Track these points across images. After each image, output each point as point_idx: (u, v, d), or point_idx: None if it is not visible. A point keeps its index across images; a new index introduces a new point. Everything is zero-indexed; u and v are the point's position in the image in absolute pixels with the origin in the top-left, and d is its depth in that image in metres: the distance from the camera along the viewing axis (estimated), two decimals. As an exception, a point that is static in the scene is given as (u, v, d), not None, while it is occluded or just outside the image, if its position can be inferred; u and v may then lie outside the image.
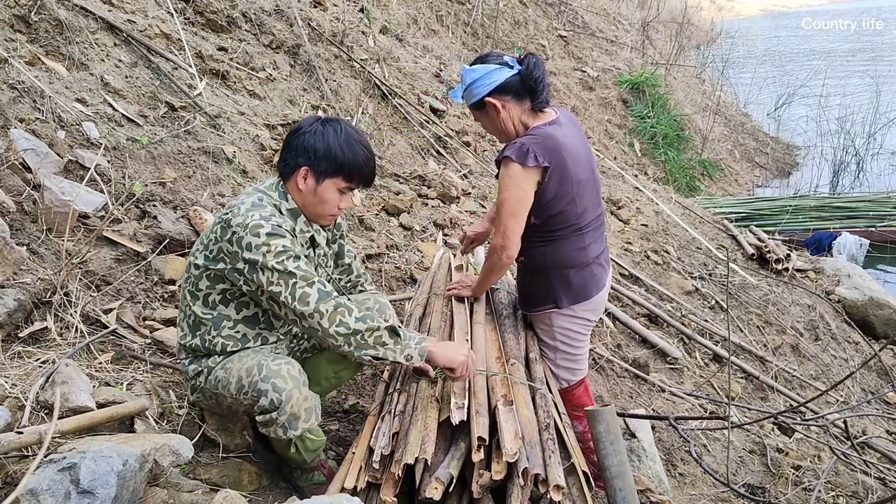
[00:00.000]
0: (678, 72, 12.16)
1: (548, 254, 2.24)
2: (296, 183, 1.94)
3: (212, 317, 1.96)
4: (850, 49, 21.74)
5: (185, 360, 2.05)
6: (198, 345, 1.99)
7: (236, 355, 1.96)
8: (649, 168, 8.79)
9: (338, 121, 1.97)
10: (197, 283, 1.96)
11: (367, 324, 1.83)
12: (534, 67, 2.13)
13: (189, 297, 1.98)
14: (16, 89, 2.85)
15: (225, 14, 4.29)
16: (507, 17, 8.76)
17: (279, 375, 1.82)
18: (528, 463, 1.69)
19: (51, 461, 1.50)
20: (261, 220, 1.82)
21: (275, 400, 1.80)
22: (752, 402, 3.87)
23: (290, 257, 1.81)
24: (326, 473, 2.12)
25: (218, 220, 1.91)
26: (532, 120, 2.19)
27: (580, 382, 2.44)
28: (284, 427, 1.84)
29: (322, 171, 1.92)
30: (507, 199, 2.12)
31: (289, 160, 1.95)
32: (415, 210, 4.26)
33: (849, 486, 3.21)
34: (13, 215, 2.48)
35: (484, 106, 2.19)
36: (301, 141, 1.92)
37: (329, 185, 1.94)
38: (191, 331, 2.00)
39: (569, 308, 2.29)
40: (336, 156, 1.91)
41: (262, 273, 1.80)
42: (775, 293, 5.17)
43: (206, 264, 1.93)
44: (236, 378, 1.88)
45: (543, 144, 2.08)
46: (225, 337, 1.97)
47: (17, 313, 2.17)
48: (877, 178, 10.33)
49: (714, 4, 24.02)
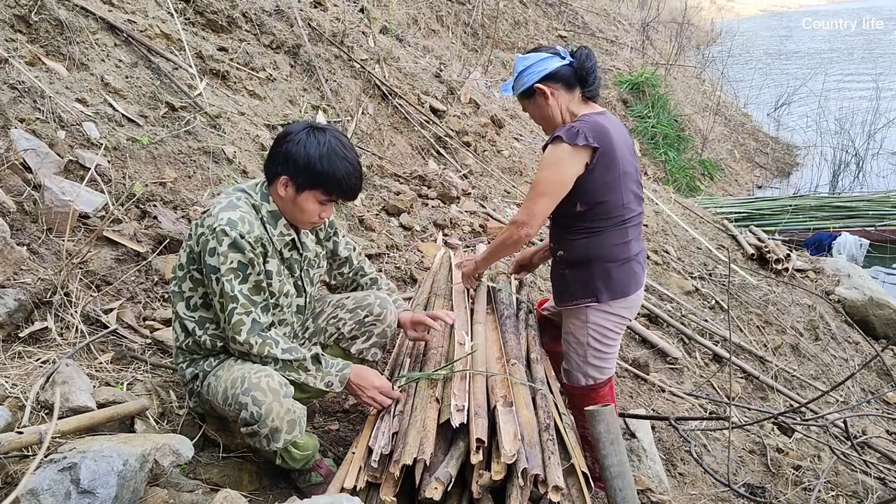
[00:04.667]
0: (678, 72, 12.17)
1: (591, 246, 2.23)
2: (276, 189, 1.93)
3: (195, 319, 1.97)
4: (850, 49, 21.73)
5: (182, 364, 2.04)
6: (191, 345, 1.99)
7: (226, 363, 1.95)
8: (649, 168, 8.79)
9: (326, 130, 1.92)
10: (181, 285, 1.96)
11: (292, 355, 1.92)
12: (586, 58, 2.21)
13: (175, 297, 1.98)
14: (16, 89, 2.85)
15: (225, 14, 4.30)
16: (507, 18, 8.77)
17: (258, 388, 1.81)
18: (528, 463, 1.69)
19: (51, 461, 1.50)
20: (226, 227, 1.82)
21: (255, 413, 1.80)
22: (751, 402, 3.87)
23: (239, 278, 1.84)
24: (324, 473, 2.12)
25: (196, 219, 1.93)
26: (580, 109, 2.23)
27: (606, 382, 2.41)
28: (268, 439, 1.85)
29: (301, 182, 1.89)
30: (545, 179, 2.13)
31: (271, 166, 1.92)
32: (415, 210, 4.26)
33: (849, 486, 3.21)
34: (13, 215, 2.48)
35: (533, 94, 2.22)
36: (284, 149, 1.89)
37: (308, 197, 1.91)
38: (183, 332, 2.00)
39: (607, 304, 2.27)
40: (315, 169, 1.87)
41: (215, 283, 1.85)
42: (775, 293, 5.17)
43: (188, 265, 1.93)
44: (223, 388, 1.88)
45: (594, 128, 2.12)
46: (210, 337, 1.97)
47: (17, 313, 2.17)
48: (877, 178, 10.34)
49: (714, 4, 24.04)
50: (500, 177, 5.34)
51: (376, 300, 2.26)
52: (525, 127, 6.72)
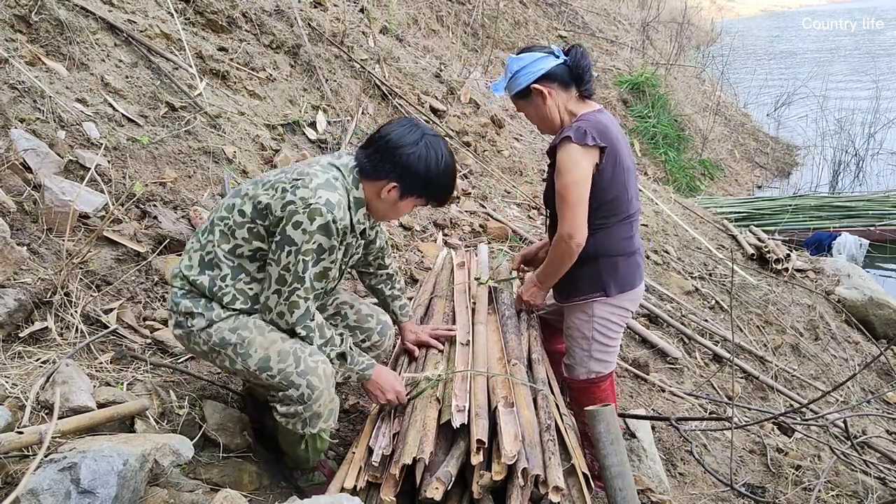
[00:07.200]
0: (678, 72, 12.17)
1: (599, 242, 2.24)
2: (377, 188, 1.90)
3: (232, 265, 1.90)
4: (850, 49, 21.73)
5: (177, 290, 1.93)
6: (204, 284, 1.90)
7: (253, 324, 1.90)
8: (649, 168, 8.79)
9: (440, 142, 1.93)
10: (234, 230, 1.88)
11: (326, 349, 1.94)
12: (581, 57, 2.21)
13: (219, 235, 1.89)
14: (16, 89, 2.85)
15: (225, 14, 4.29)
16: (507, 18, 8.77)
17: (316, 374, 1.86)
18: (528, 464, 1.69)
19: (51, 461, 1.50)
20: (323, 207, 1.76)
21: (306, 395, 1.84)
22: (752, 401, 3.87)
23: (313, 261, 1.81)
24: (327, 473, 2.12)
25: (282, 182, 1.83)
26: (578, 108, 2.24)
27: (608, 375, 2.43)
28: (305, 422, 1.88)
29: (410, 191, 1.91)
30: (571, 185, 2.12)
31: (380, 167, 1.88)
32: (415, 210, 4.26)
33: (849, 486, 3.21)
34: (14, 215, 2.48)
35: (529, 94, 2.22)
36: (401, 158, 1.86)
37: (410, 203, 1.96)
38: (202, 266, 1.91)
39: (615, 297, 2.29)
40: (432, 185, 1.92)
41: (285, 255, 1.79)
42: (775, 293, 5.17)
43: (254, 217, 1.85)
44: (261, 356, 1.85)
45: (597, 127, 2.13)
46: (238, 290, 1.90)
47: (17, 313, 2.17)
48: (876, 178, 10.34)
49: (714, 4, 24.04)
50: (500, 177, 5.34)
51: (377, 326, 2.26)
52: (525, 127, 6.72)
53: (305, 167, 1.88)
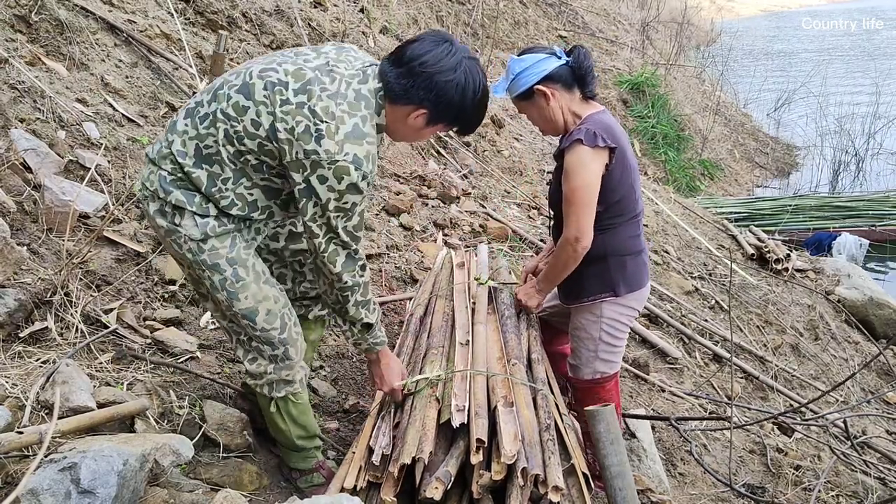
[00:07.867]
0: (678, 72, 12.16)
1: (607, 241, 2.25)
2: (404, 112, 1.73)
3: (234, 168, 1.72)
4: (850, 49, 21.73)
5: (166, 175, 1.72)
6: (201, 179, 1.71)
7: (252, 264, 1.80)
8: (649, 168, 8.79)
9: (477, 67, 1.75)
10: (243, 137, 1.68)
11: (352, 311, 1.88)
12: (583, 58, 2.20)
13: (223, 134, 1.68)
14: (16, 89, 2.85)
15: (225, 14, 4.29)
16: (507, 18, 8.77)
17: (295, 346, 1.90)
18: (528, 463, 1.69)
19: (51, 461, 1.50)
20: (351, 166, 1.61)
21: (279, 358, 1.89)
22: (751, 401, 3.87)
23: (345, 217, 1.70)
24: (326, 475, 2.12)
25: (306, 116, 1.62)
26: (582, 109, 2.23)
27: (613, 376, 2.43)
28: (271, 385, 1.92)
29: (440, 119, 1.77)
30: (579, 188, 2.12)
31: (411, 92, 1.69)
32: (415, 210, 4.26)
33: (849, 486, 3.21)
34: (13, 215, 2.48)
35: (532, 95, 2.21)
36: (436, 85, 1.68)
37: (435, 129, 1.83)
38: (198, 158, 1.71)
39: (623, 297, 2.29)
40: (465, 114, 1.78)
41: (312, 205, 1.67)
42: (775, 293, 5.17)
43: (271, 137, 1.66)
44: (250, 305, 1.79)
45: (605, 128, 2.14)
46: (237, 195, 1.74)
47: (17, 313, 2.17)
48: (876, 178, 10.34)
49: (714, 4, 24.04)
50: (500, 177, 5.34)
51: None
52: (525, 127, 6.72)
53: (332, 102, 1.63)
